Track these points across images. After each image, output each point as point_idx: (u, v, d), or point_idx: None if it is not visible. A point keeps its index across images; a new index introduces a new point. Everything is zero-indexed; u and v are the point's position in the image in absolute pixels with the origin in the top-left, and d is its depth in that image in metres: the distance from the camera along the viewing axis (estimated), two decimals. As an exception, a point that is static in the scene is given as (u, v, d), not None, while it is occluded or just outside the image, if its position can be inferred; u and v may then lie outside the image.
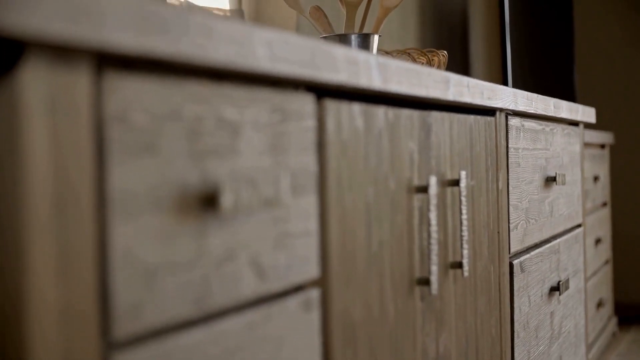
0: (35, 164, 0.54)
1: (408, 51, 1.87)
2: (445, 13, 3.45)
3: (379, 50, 1.79)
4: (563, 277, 2.07)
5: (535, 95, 1.77)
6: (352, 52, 0.93)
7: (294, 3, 1.76)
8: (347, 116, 0.95)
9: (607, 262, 3.45)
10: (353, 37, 1.67)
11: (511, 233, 1.64)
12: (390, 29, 2.79)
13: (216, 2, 2.09)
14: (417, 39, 3.11)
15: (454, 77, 1.25)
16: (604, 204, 3.45)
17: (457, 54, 3.53)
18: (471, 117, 1.40)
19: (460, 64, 3.55)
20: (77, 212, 0.57)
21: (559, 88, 3.83)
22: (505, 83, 3.29)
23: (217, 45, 0.68)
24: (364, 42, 1.67)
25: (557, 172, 2.03)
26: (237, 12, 2.16)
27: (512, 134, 1.66)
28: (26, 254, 0.53)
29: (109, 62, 0.60)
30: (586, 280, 2.69)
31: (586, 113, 2.36)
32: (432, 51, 1.89)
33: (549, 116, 1.94)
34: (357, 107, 0.98)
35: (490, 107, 1.47)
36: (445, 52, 1.92)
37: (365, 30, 1.77)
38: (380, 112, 1.04)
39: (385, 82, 1.00)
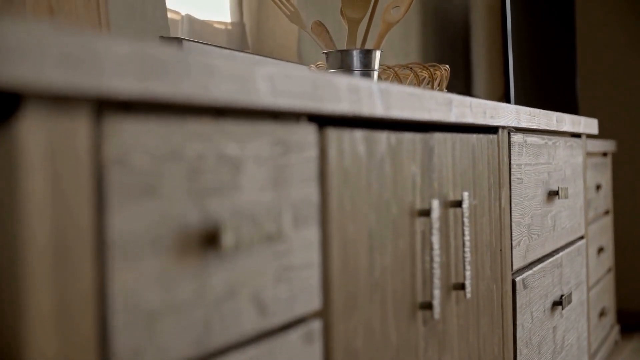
0: (34, 212, 0.53)
1: (410, 66, 1.86)
2: (447, 26, 3.44)
3: (381, 65, 1.78)
4: (566, 291, 2.06)
5: (537, 110, 1.76)
6: (354, 81, 0.92)
7: (295, 18, 1.76)
8: (349, 144, 0.94)
9: (609, 270, 3.45)
10: (355, 52, 1.66)
11: (514, 250, 1.63)
12: (393, 42, 2.78)
13: (217, 16, 2.09)
14: (419, 53, 3.11)
15: (456, 98, 1.25)
16: (606, 212, 3.44)
17: (459, 66, 3.52)
18: (474, 137, 1.40)
19: (462, 76, 3.55)
20: (77, 259, 0.56)
21: (561, 96, 3.82)
22: (507, 93, 3.29)
23: (218, 84, 0.67)
24: (366, 58, 1.66)
25: (560, 186, 2.02)
26: (239, 25, 2.16)
27: (515, 150, 1.65)
28: (24, 305, 0.52)
29: (109, 105, 0.60)
30: (588, 290, 2.68)
31: (588, 125, 2.35)
32: (434, 65, 1.88)
33: (552, 130, 1.93)
34: (359, 134, 0.97)
35: (492, 125, 1.46)
36: (448, 66, 1.91)
37: (367, 45, 1.76)
38: (383, 138, 1.03)
39: (387, 108, 1.00)
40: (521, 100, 3.36)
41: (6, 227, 0.52)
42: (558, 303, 1.94)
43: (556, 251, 2.03)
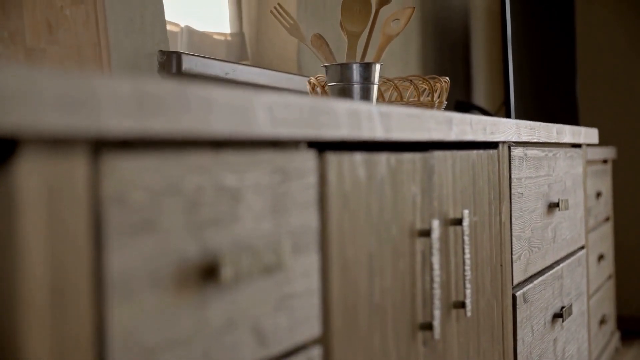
0: (32, 254, 0.53)
1: (410, 78, 1.85)
2: (447, 33, 3.44)
3: (380, 77, 1.78)
4: (566, 303, 2.05)
5: (537, 123, 1.76)
6: (354, 105, 0.91)
7: (295, 31, 1.75)
8: (348, 167, 0.94)
9: (609, 277, 3.44)
10: (355, 66, 1.66)
11: (514, 264, 1.63)
12: (392, 50, 2.78)
13: (217, 27, 2.08)
14: (419, 60, 3.11)
15: (456, 117, 1.24)
16: (607, 219, 3.44)
17: (459, 73, 3.52)
18: (474, 153, 1.39)
19: (462, 84, 3.54)
20: (75, 299, 0.56)
21: (561, 102, 3.82)
22: (507, 100, 3.28)
23: (217, 117, 0.67)
24: (366, 71, 1.66)
25: (560, 197, 2.02)
26: (238, 36, 2.15)
27: (515, 164, 1.65)
28: (22, 347, 0.52)
29: (107, 143, 0.59)
30: (589, 298, 2.68)
31: (589, 135, 2.35)
32: (434, 77, 1.87)
33: (552, 142, 1.93)
34: (359, 157, 0.97)
35: (493, 141, 1.46)
36: (448, 78, 1.90)
37: (367, 58, 1.75)
38: (383, 160, 1.03)
39: (387, 131, 0.99)
40: (521, 107, 3.35)
41: (4, 269, 0.52)
42: (559, 315, 1.94)
43: (557, 263, 2.02)
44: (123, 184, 0.60)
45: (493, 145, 1.53)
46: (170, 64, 1.63)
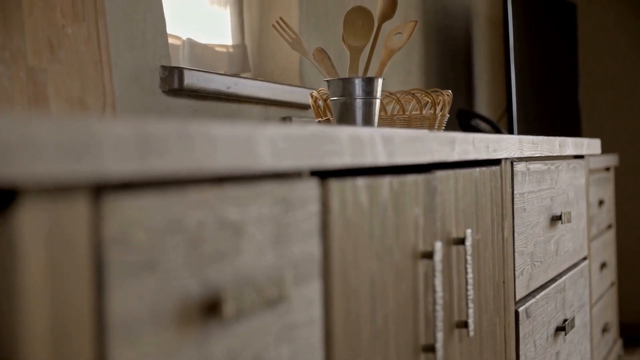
0: (33, 299, 0.52)
1: (412, 92, 1.85)
2: (449, 41, 3.43)
3: (383, 91, 1.77)
4: (569, 315, 2.05)
5: (540, 138, 1.75)
6: (356, 131, 0.91)
7: (297, 45, 1.75)
8: (351, 193, 0.94)
9: (612, 284, 3.43)
10: (357, 80, 1.65)
11: (517, 280, 1.62)
12: (394, 58, 2.77)
13: (219, 39, 2.08)
14: (421, 68, 3.10)
15: (459, 137, 1.24)
16: (609, 226, 3.43)
17: (461, 81, 3.52)
18: (476, 171, 1.39)
19: (465, 92, 3.54)
20: (76, 343, 0.55)
21: (563, 109, 3.81)
22: (509, 108, 3.27)
23: (219, 154, 0.66)
24: (368, 86, 1.66)
25: (563, 210, 2.01)
26: (240, 47, 2.15)
27: (518, 179, 1.64)
28: (22, 394, 0.51)
29: (108, 186, 0.59)
30: (591, 307, 2.67)
31: (591, 146, 2.35)
32: (437, 91, 1.87)
33: (555, 155, 1.93)
34: (361, 182, 0.96)
35: (496, 159, 1.45)
36: (450, 91, 1.90)
37: (369, 72, 1.75)
38: (385, 183, 1.02)
39: (390, 156, 0.99)
40: (524, 115, 3.35)
41: (6, 314, 0.52)
42: (561, 329, 1.93)
43: (559, 275, 2.02)
44: (124, 225, 0.60)
45: (496, 161, 1.53)
46: (172, 79, 1.63)
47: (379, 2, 1.71)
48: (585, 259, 2.35)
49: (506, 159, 1.56)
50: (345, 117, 1.66)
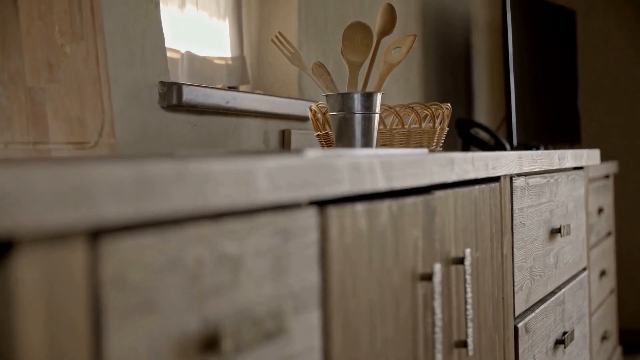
0: (31, 344, 0.52)
1: (411, 106, 1.85)
2: (448, 49, 3.43)
3: (382, 105, 1.77)
4: (568, 327, 2.05)
5: (539, 152, 1.75)
6: (355, 159, 0.91)
7: (296, 60, 1.75)
8: (350, 219, 0.93)
9: (611, 292, 3.43)
10: (356, 95, 1.65)
11: (516, 296, 1.62)
12: (394, 70, 2.77)
13: (218, 51, 2.08)
14: (420, 76, 3.10)
15: (458, 157, 1.24)
16: (609, 234, 3.43)
17: (460, 89, 3.51)
18: (476, 189, 1.39)
19: (464, 100, 3.54)
20: (73, 388, 0.55)
21: (562, 115, 3.81)
22: (509, 115, 3.27)
23: (218, 190, 0.66)
24: (367, 101, 1.65)
25: (562, 223, 2.01)
26: (239, 60, 2.15)
27: (517, 194, 1.64)
28: None
29: (105, 229, 0.59)
30: (590, 316, 2.67)
31: (591, 157, 2.34)
32: (436, 104, 1.87)
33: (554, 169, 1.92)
34: (360, 207, 0.96)
35: (495, 176, 1.45)
36: (449, 104, 1.90)
37: (369, 86, 1.75)
38: (384, 207, 1.02)
39: (389, 181, 0.98)
40: (523, 122, 3.35)
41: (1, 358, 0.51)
42: (560, 342, 1.93)
43: (559, 288, 2.02)
44: (122, 266, 0.59)
45: (495, 178, 1.53)
46: (171, 95, 1.63)
47: (378, 18, 1.71)
48: (584, 269, 2.35)
49: (505, 175, 1.56)
50: (344, 131, 1.66)
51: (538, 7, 3.65)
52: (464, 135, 3.07)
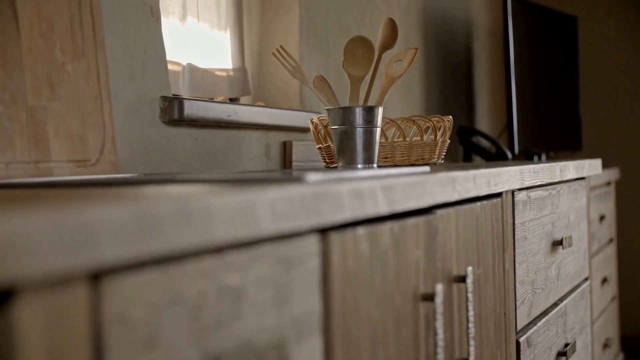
0: (31, 388, 0.52)
1: (413, 118, 1.85)
2: (450, 59, 3.43)
3: (384, 118, 1.77)
4: (570, 339, 2.05)
5: (541, 165, 1.75)
6: (356, 184, 0.91)
7: (297, 73, 1.75)
8: (352, 244, 0.93)
9: (613, 298, 3.43)
10: (357, 109, 1.65)
11: (517, 310, 1.62)
12: (396, 83, 2.77)
13: (219, 63, 2.08)
14: (421, 84, 3.10)
15: (460, 176, 1.23)
16: (610, 240, 3.43)
17: (462, 96, 3.51)
18: (477, 205, 1.38)
19: (465, 107, 3.53)
20: None
21: (564, 122, 3.81)
22: (510, 122, 3.27)
23: (219, 225, 0.66)
24: (369, 115, 1.65)
25: (564, 235, 2.01)
26: (240, 71, 2.15)
27: (519, 208, 1.64)
28: None
29: (106, 269, 0.58)
30: (592, 324, 2.67)
31: (592, 167, 2.34)
32: (437, 117, 1.87)
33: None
34: (362, 231, 0.96)
35: (497, 192, 1.45)
36: (450, 117, 1.90)
37: (370, 100, 1.75)
38: (386, 230, 1.02)
39: (390, 204, 0.98)
40: (524, 129, 3.35)
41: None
42: (562, 354, 1.93)
43: (561, 299, 2.01)
44: (124, 304, 0.59)
45: (497, 194, 1.52)
46: (172, 109, 1.63)
47: (380, 32, 1.71)
48: (586, 279, 2.35)
49: (507, 190, 1.56)
50: (345, 145, 1.66)
51: (539, 14, 3.65)
52: (466, 144, 3.07)
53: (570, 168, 2.04)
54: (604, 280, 3.19)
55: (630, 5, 4.18)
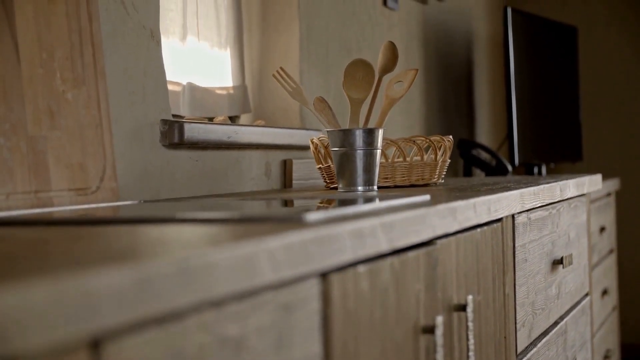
0: None
1: (413, 139, 1.85)
2: (450, 71, 3.43)
3: (384, 139, 1.77)
4: (570, 356, 2.05)
5: (541, 187, 1.75)
6: (357, 224, 0.91)
7: (297, 95, 1.75)
8: (352, 283, 0.93)
9: (613, 309, 3.43)
10: (357, 132, 1.65)
11: (518, 333, 1.62)
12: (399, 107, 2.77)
13: (219, 81, 2.08)
14: (423, 100, 3.10)
15: (460, 206, 1.23)
16: (611, 251, 3.43)
17: (462, 108, 3.51)
18: (477, 232, 1.39)
19: (465, 119, 3.54)
20: None
21: (564, 133, 3.81)
22: (510, 134, 3.27)
23: (219, 280, 0.66)
24: (369, 137, 1.65)
25: (564, 254, 2.01)
26: (240, 88, 2.15)
27: (519, 231, 1.64)
28: None
29: (107, 333, 0.59)
30: (592, 337, 2.67)
31: (593, 182, 2.34)
32: (438, 137, 1.87)
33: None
34: (362, 269, 0.96)
35: (497, 218, 1.45)
36: (451, 137, 1.90)
37: (371, 121, 1.75)
38: (386, 265, 1.02)
39: (391, 242, 0.98)
40: (524, 141, 3.35)
41: None
42: (563, 373, 1.93)
43: (561, 318, 2.01)
44: (124, 366, 0.59)
45: (497, 219, 1.52)
46: (172, 133, 1.63)
47: (380, 55, 1.71)
48: (586, 295, 2.35)
49: (507, 215, 1.56)
50: (345, 167, 1.66)
51: (539, 25, 3.65)
52: (466, 157, 3.07)
53: (570, 186, 2.04)
54: (604, 292, 3.19)
55: (630, 15, 4.18)
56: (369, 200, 1.23)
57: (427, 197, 1.29)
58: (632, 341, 4.10)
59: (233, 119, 2.12)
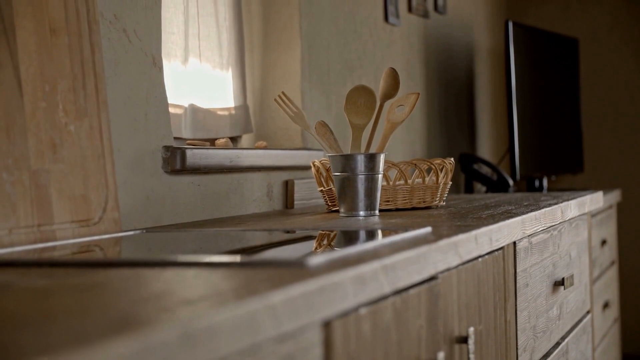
0: None
1: (414, 162, 1.85)
2: (451, 84, 3.43)
3: (385, 162, 1.77)
4: (571, 377, 2.05)
5: (542, 211, 1.75)
6: (358, 269, 0.91)
7: (299, 119, 1.75)
8: (354, 326, 0.94)
9: (615, 321, 3.43)
10: (359, 157, 1.65)
11: (519, 358, 1.62)
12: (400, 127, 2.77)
13: (221, 101, 2.08)
14: (424, 113, 3.10)
15: (462, 239, 1.24)
16: (612, 263, 3.43)
17: (463, 122, 3.51)
18: (479, 262, 1.39)
19: (467, 133, 3.54)
20: None
21: (565, 145, 3.81)
22: (512, 147, 3.28)
23: (221, 341, 0.67)
24: (370, 162, 1.66)
25: (565, 275, 2.01)
26: (242, 109, 2.15)
27: (520, 256, 1.64)
28: None
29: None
30: (594, 351, 2.67)
31: (594, 200, 2.34)
32: (439, 160, 1.87)
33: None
34: (364, 311, 0.96)
35: (498, 247, 1.45)
36: (452, 159, 1.90)
37: (372, 146, 1.75)
38: (388, 305, 1.02)
39: (393, 283, 0.99)
40: (525, 153, 3.35)
41: None
42: (564, 394, 1.93)
43: (562, 338, 2.02)
44: None
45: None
46: (174, 159, 1.63)
47: (382, 82, 1.71)
48: (588, 312, 2.35)
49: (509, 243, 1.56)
50: (347, 192, 1.67)
51: (540, 37, 3.66)
52: (467, 171, 3.07)
53: (571, 207, 2.04)
54: (605, 305, 3.19)
55: (632, 26, 4.19)
56: (370, 235, 1.24)
57: (428, 229, 1.29)
58: (634, 351, 4.10)
59: (235, 139, 2.13)
